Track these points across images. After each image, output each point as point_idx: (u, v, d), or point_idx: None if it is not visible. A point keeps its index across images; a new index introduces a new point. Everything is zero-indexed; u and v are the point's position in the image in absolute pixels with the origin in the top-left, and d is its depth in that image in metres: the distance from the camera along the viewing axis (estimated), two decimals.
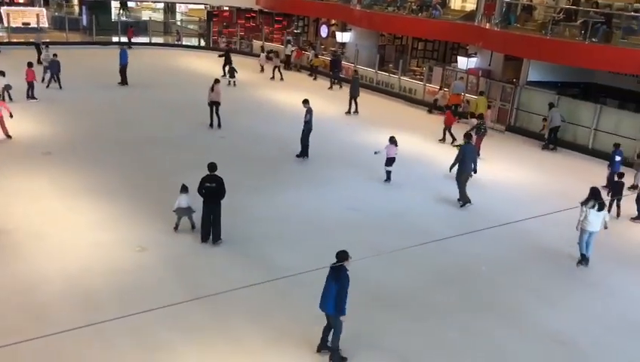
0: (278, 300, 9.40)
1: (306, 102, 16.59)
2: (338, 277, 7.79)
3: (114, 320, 7.14)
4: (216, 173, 11.06)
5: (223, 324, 8.80)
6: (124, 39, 33.19)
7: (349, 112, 22.57)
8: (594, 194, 11.19)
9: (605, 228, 11.38)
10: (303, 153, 16.70)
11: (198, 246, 11.20)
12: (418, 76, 27.40)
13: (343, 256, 7.86)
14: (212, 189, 10.95)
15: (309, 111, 16.40)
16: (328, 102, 23.50)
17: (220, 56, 28.33)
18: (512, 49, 21.51)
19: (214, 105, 18.98)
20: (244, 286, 8.34)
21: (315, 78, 29.41)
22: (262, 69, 29.69)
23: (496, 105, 21.97)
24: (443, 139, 19.29)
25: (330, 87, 27.27)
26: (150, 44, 35.53)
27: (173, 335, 8.43)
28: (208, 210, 11.11)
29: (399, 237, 11.94)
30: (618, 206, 14.07)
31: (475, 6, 23.46)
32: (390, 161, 15.17)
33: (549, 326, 9.38)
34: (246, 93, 24.23)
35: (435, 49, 31.14)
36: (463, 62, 24.68)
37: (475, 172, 14.51)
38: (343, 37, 30.76)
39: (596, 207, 11.04)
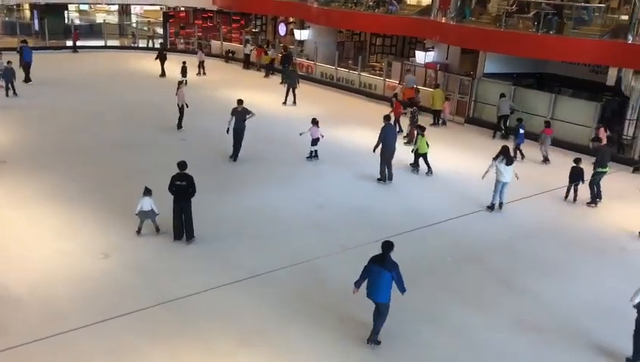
0: (246, 301, 9.38)
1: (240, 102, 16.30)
2: (390, 266, 8.26)
3: (80, 329, 7.03)
4: (186, 171, 11.10)
5: (191, 327, 8.74)
6: (79, 43, 32.54)
7: (285, 103, 23.39)
8: (503, 152, 13.36)
9: (517, 178, 13.48)
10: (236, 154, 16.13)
11: (163, 249, 11.09)
12: (378, 71, 27.65)
13: (389, 245, 8.37)
14: (182, 187, 10.99)
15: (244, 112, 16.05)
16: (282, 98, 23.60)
17: (156, 58, 27.85)
18: (468, 42, 21.88)
19: (180, 107, 18.80)
20: (211, 288, 8.32)
21: (266, 76, 29.47)
22: (200, 68, 28.70)
23: (455, 98, 22.32)
24: (399, 131, 19.39)
25: (282, 82, 27.41)
26: (105, 47, 34.85)
27: (141, 341, 8.33)
28: (179, 208, 11.13)
29: (365, 232, 12.03)
30: (575, 191, 14.50)
31: (430, 0, 23.74)
32: (315, 142, 16.50)
33: (516, 314, 9.60)
34: (202, 94, 23.96)
35: (394, 44, 31.43)
36: (420, 57, 25.01)
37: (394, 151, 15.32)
38: (301, 35, 30.76)
39: (504, 162, 13.17)
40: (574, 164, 14.41)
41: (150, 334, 8.48)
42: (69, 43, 33.08)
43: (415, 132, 17.24)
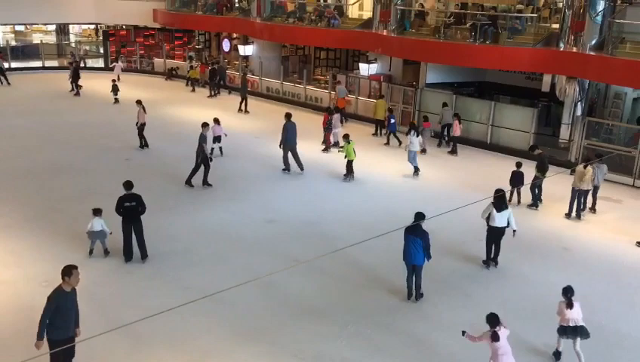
0: (200, 322, 9.25)
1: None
2: (421, 234, 9.86)
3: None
4: (132, 191, 10.93)
5: (143, 352, 8.55)
6: (13, 64, 31.54)
7: (240, 110, 24.77)
8: (412, 126, 17.34)
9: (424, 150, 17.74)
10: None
11: (111, 273, 10.84)
12: (323, 84, 27.90)
13: (420, 216, 9.94)
14: (132, 208, 10.82)
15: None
16: (229, 116, 23.48)
17: (70, 77, 27.48)
18: (409, 53, 22.37)
19: (141, 126, 18.55)
20: (163, 311, 8.16)
21: (193, 90, 29.57)
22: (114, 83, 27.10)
23: (400, 108, 22.73)
24: (328, 145, 19.57)
25: (210, 95, 28.13)
26: (43, 67, 33.88)
27: None
28: (129, 229, 10.96)
29: (315, 245, 12.09)
30: (519, 193, 14.98)
31: (371, 14, 24.18)
32: (218, 139, 18.16)
33: (466, 316, 9.79)
34: (160, 111, 23.63)
35: (337, 57, 31.83)
36: (364, 69, 25.39)
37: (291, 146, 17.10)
38: (245, 50, 30.76)
39: (414, 134, 16.76)
40: (515, 168, 14.88)
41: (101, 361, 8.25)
42: (6, 65, 31.98)
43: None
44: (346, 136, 16.64)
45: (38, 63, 34.19)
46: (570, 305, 8.57)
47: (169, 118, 23.18)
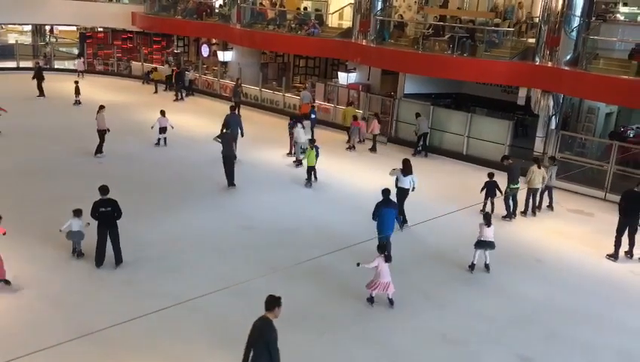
0: (173, 329, 9.13)
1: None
2: (393, 205, 11.64)
3: None
4: (108, 196, 10.80)
5: (114, 359, 8.40)
6: None
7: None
8: (298, 119, 18.31)
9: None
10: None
11: (83, 278, 10.65)
12: (311, 93, 27.84)
13: (387, 190, 11.58)
14: (107, 213, 10.70)
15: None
16: (192, 117, 23.36)
17: (33, 77, 26.91)
18: (388, 64, 22.54)
19: (102, 133, 18.18)
20: (137, 317, 8.06)
21: (155, 92, 29.94)
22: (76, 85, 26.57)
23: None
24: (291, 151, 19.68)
25: (176, 99, 28.30)
26: (18, 68, 33.32)
27: None
28: (104, 234, 10.84)
29: (292, 251, 12.04)
30: (492, 203, 15.16)
31: (351, 23, 24.32)
32: (163, 130, 19.51)
33: (440, 327, 9.84)
34: (122, 115, 23.38)
35: (317, 65, 31.93)
36: (343, 78, 25.50)
37: (242, 135, 18.43)
38: (224, 56, 30.67)
39: (300, 127, 17.92)
40: (488, 179, 15.06)
41: None
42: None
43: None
44: (311, 142, 16.86)
45: (12, 64, 33.61)
46: (488, 225, 11.64)
47: (135, 122, 22.95)
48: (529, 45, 19.65)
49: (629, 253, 13.00)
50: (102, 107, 18.45)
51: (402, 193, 13.60)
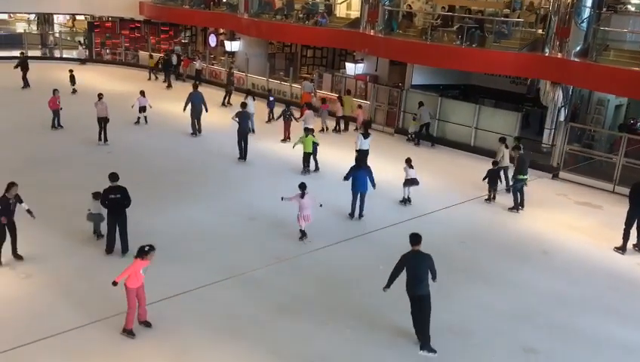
0: (177, 318, 9.17)
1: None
2: (368, 168, 13.76)
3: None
4: (118, 183, 10.86)
5: (120, 346, 8.46)
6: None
7: (223, 104, 25.05)
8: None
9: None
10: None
11: (91, 266, 10.71)
12: (312, 83, 27.79)
13: (364, 161, 14.52)
14: (117, 200, 10.76)
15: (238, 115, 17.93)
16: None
17: (16, 67, 26.60)
18: (396, 54, 22.42)
19: (102, 121, 18.38)
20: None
21: (149, 79, 30.39)
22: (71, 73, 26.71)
23: (385, 109, 22.78)
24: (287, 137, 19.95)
25: (169, 86, 28.75)
26: (26, 57, 33.30)
27: None
28: (114, 221, 10.94)
29: (298, 243, 12.06)
30: (495, 190, 15.25)
31: (359, 13, 24.18)
32: (142, 109, 20.85)
33: (444, 318, 9.83)
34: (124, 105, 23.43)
35: (324, 56, 31.81)
36: (350, 68, 25.39)
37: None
38: (232, 46, 30.60)
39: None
40: (492, 167, 15.18)
41: (79, 355, 8.14)
42: None
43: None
44: (306, 130, 16.97)
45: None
46: (411, 168, 14.67)
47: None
48: (539, 36, 19.49)
49: (637, 246, 12.92)
50: (100, 95, 18.66)
51: (363, 154, 16.14)
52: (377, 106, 22.98)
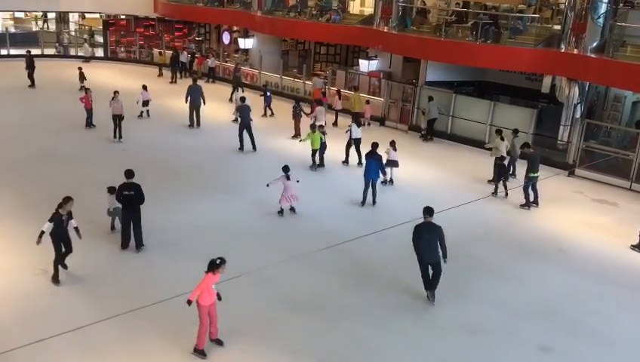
0: (191, 315, 9.19)
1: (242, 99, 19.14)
2: (378, 157, 14.19)
3: (19, 349, 6.75)
4: (133, 179, 10.97)
5: (134, 342, 8.52)
6: (13, 51, 31.30)
7: (230, 100, 25.07)
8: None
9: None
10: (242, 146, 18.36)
11: (107, 262, 10.81)
12: (322, 80, 27.79)
13: (375, 145, 14.33)
14: (131, 197, 10.88)
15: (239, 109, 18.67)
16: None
17: (27, 68, 26.44)
18: (410, 51, 22.31)
19: (117, 118, 18.52)
20: (158, 302, 8.14)
21: (160, 75, 30.66)
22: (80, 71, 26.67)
23: (399, 106, 22.71)
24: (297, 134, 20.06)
25: (172, 81, 29.19)
26: (43, 55, 33.70)
27: (85, 359, 8.06)
28: (128, 216, 11.09)
29: (311, 239, 12.06)
30: (505, 186, 15.20)
31: (373, 10, 24.10)
32: (145, 103, 21.33)
33: (458, 316, 9.79)
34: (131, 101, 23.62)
35: (337, 53, 31.74)
36: (364, 65, 25.35)
37: (204, 103, 20.71)
38: (245, 43, 30.67)
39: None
40: (499, 161, 15.29)
41: (94, 352, 8.22)
42: (4, 52, 31.84)
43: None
44: (312, 126, 17.14)
45: (37, 51, 33.97)
46: (394, 150, 15.60)
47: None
48: (554, 32, 19.28)
49: None
50: (116, 93, 18.81)
51: (355, 141, 17.19)
52: (391, 103, 22.89)
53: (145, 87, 21.66)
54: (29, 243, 11.23)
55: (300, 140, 17.64)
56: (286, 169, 13.21)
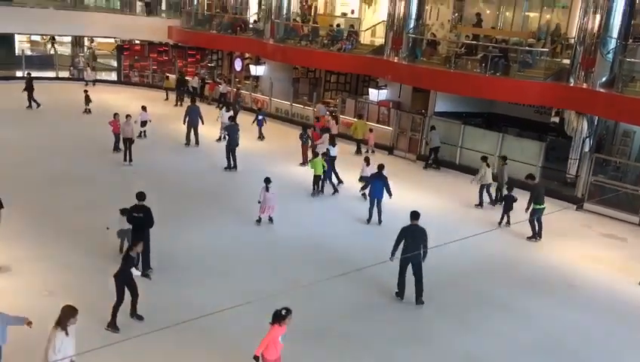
0: (199, 339, 9.18)
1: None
2: (384, 177, 14.83)
3: None
4: (144, 202, 11.00)
5: None
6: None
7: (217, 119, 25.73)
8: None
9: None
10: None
11: (110, 286, 10.78)
12: (332, 108, 28.00)
13: (382, 166, 15.19)
14: (140, 220, 10.90)
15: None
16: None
17: (24, 90, 26.37)
18: (419, 81, 22.48)
19: (127, 141, 18.69)
20: (159, 329, 8.11)
21: (167, 98, 31.07)
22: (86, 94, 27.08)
23: (408, 135, 22.80)
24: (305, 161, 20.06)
25: (177, 105, 29.51)
26: (57, 78, 34.23)
27: None
28: (135, 239, 10.86)
29: (316, 268, 12.03)
30: (508, 216, 15.31)
31: (383, 40, 24.37)
32: (144, 123, 21.86)
33: (464, 346, 9.70)
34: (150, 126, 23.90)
35: (348, 81, 31.98)
36: (374, 94, 25.53)
37: (202, 123, 21.85)
38: (257, 70, 31.01)
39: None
40: (507, 193, 15.46)
41: None
42: (19, 74, 32.32)
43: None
44: (314, 152, 17.51)
45: (51, 74, 34.52)
46: (367, 164, 16.52)
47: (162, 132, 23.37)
48: (563, 66, 19.40)
49: None
50: (128, 116, 19.04)
51: (333, 159, 17.72)
52: (400, 132, 23.00)
53: (144, 108, 22.14)
54: (36, 264, 11.32)
55: (308, 167, 17.85)
56: (267, 181, 13.85)
